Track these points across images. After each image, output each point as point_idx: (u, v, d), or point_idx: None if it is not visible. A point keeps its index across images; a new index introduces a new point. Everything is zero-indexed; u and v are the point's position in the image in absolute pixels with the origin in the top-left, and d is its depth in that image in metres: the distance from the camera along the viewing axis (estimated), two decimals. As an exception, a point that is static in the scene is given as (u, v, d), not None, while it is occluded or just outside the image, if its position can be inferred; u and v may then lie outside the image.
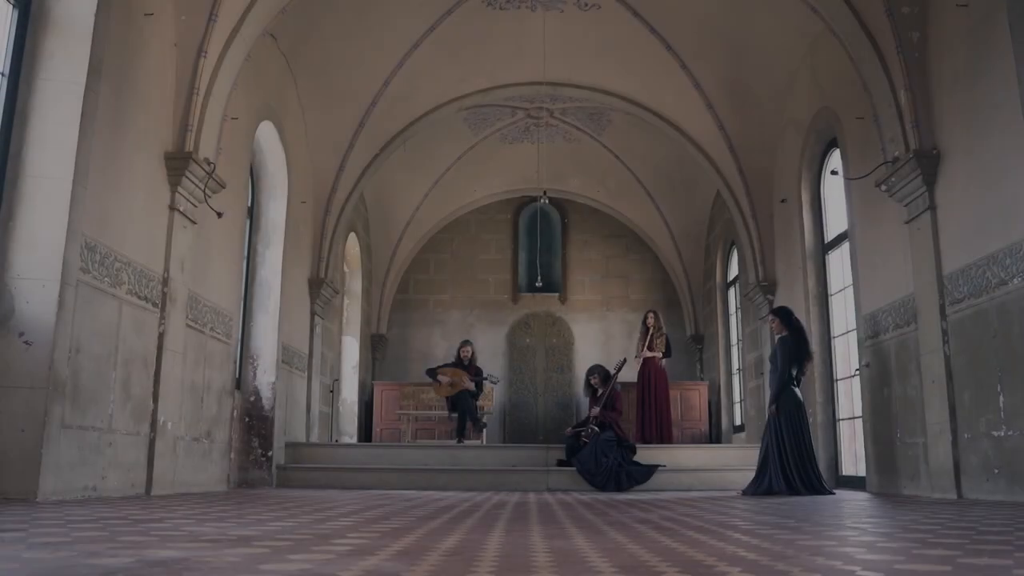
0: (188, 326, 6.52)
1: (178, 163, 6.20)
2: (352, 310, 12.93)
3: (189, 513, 3.72)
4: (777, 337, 7.23)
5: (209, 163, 6.50)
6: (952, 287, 5.96)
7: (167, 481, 6.09)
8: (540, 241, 14.74)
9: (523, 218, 15.25)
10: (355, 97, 9.92)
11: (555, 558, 2.08)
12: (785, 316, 7.25)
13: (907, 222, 6.54)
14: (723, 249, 12.78)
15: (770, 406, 7.02)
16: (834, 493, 6.86)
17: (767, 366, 7.76)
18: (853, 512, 4.34)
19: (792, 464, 6.79)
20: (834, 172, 7.65)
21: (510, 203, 15.15)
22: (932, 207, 6.23)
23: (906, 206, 6.56)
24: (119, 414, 5.47)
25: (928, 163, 6.23)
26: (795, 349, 7.06)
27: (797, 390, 7.03)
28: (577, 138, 12.88)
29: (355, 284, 13.04)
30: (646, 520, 3.58)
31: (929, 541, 2.50)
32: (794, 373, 7.05)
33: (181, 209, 6.29)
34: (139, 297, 5.74)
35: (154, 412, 5.94)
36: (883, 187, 6.72)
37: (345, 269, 12.51)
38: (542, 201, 10.98)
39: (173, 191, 6.23)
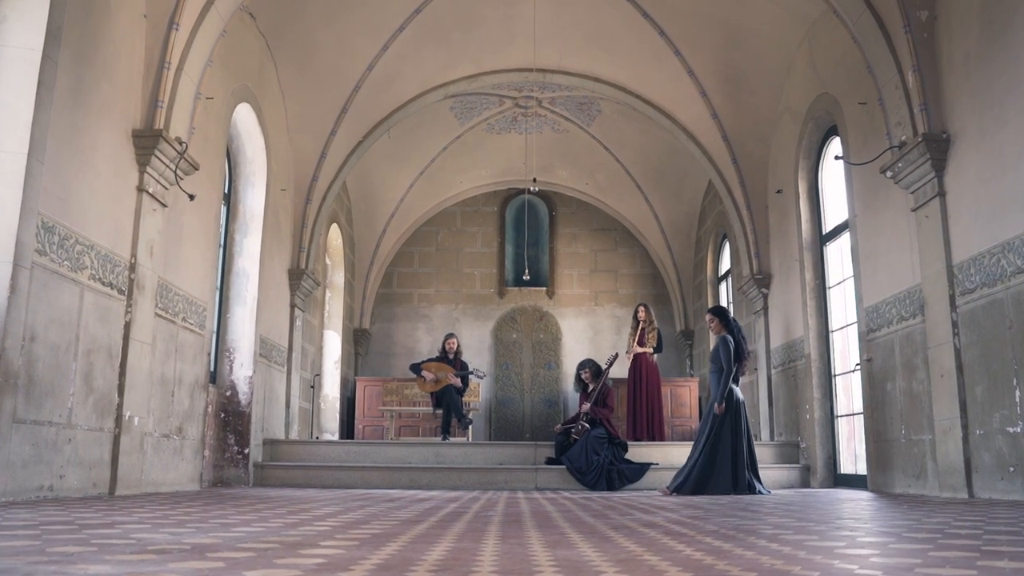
0: (158, 315, 6.15)
1: (147, 141, 5.81)
2: (334, 304, 12.54)
3: (148, 516, 3.36)
4: (719, 336, 7.17)
5: (181, 143, 6.12)
6: (963, 277, 5.69)
7: (133, 480, 5.71)
8: (527, 234, 14.42)
9: (510, 211, 14.90)
10: (338, 81, 9.53)
11: (565, 575, 1.75)
12: (723, 316, 7.27)
13: (914, 209, 6.27)
14: (715, 242, 12.50)
15: (719, 404, 6.88)
16: (770, 493, 6.77)
17: (708, 365, 7.71)
18: (869, 513, 4.04)
19: (731, 463, 6.75)
20: (838, 157, 7.37)
21: (496, 195, 14.79)
22: (941, 193, 5.96)
23: (913, 193, 6.28)
24: (80, 408, 5.09)
25: (937, 147, 5.95)
26: (736, 348, 7.01)
27: (737, 388, 7.02)
28: (566, 128, 12.56)
29: (337, 277, 12.65)
30: (652, 524, 3.26)
31: (984, 550, 2.20)
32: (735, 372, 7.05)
33: (150, 191, 5.91)
34: (103, 283, 5.36)
35: (119, 406, 5.56)
36: (888, 173, 6.44)
37: (327, 261, 12.13)
38: (531, 189, 10.62)
39: (141, 171, 5.84)
